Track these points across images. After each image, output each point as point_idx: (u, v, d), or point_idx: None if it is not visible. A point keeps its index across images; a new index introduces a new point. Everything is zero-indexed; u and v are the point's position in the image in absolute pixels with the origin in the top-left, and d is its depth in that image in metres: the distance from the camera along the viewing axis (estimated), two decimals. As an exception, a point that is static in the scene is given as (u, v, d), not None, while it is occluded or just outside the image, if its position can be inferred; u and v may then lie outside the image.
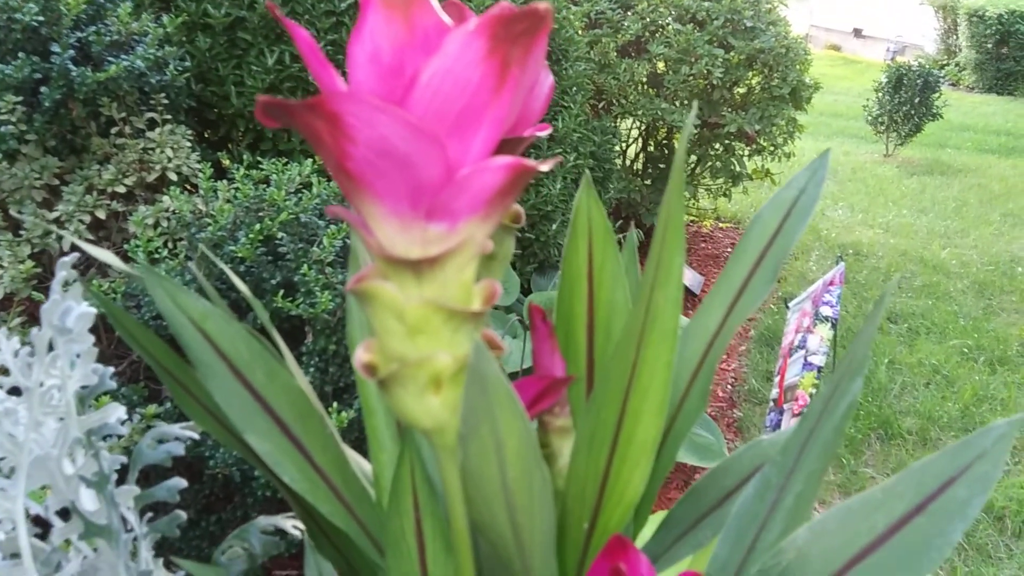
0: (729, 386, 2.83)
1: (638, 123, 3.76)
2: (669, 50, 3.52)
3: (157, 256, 1.46)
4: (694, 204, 4.18)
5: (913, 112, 7.19)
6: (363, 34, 0.32)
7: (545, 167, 0.34)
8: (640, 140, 3.91)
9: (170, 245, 1.58)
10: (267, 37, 2.07)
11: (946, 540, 0.41)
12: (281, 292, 1.47)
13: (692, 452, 1.90)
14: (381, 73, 0.32)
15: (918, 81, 7.13)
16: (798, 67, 3.91)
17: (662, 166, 3.92)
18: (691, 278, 3.41)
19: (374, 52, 0.32)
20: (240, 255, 1.49)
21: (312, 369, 1.52)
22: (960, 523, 0.41)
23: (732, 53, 3.61)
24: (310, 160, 1.74)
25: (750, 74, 3.77)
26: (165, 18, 1.85)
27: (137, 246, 1.45)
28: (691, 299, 3.35)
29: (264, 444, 0.51)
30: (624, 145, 3.76)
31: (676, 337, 0.47)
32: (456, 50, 0.31)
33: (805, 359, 1.68)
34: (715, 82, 3.57)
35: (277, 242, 1.55)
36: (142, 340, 0.56)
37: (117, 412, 0.67)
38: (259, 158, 1.89)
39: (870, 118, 7.38)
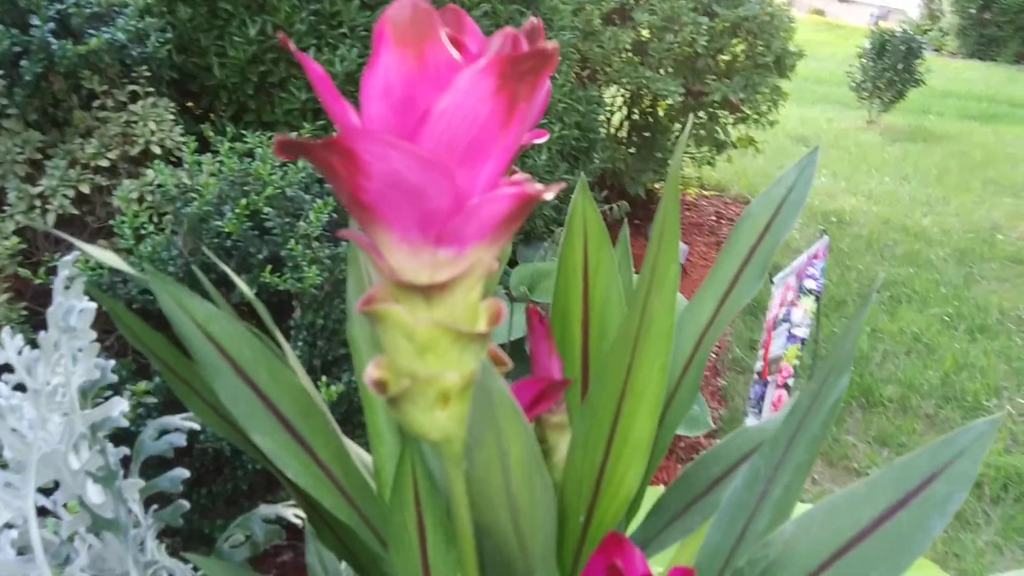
0: (713, 355, 2.85)
1: (623, 91, 3.75)
2: (653, 17, 3.50)
3: (144, 232, 1.46)
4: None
5: (896, 78, 7.20)
6: (376, 69, 0.33)
7: (550, 195, 0.34)
8: (625, 108, 3.90)
9: (155, 220, 1.57)
10: (248, 7, 2.05)
11: (926, 534, 0.42)
12: (268, 267, 1.47)
13: (677, 423, 1.92)
14: (393, 107, 0.33)
15: (901, 47, 7.14)
16: (782, 35, 3.90)
17: (647, 134, 3.92)
18: (675, 247, 3.42)
19: (387, 87, 0.33)
20: (227, 230, 1.48)
21: (300, 343, 1.52)
22: (940, 519, 0.43)
23: (716, 20, 3.60)
24: (295, 133, 1.73)
25: (734, 42, 3.76)
26: (146, -12, 1.83)
27: (123, 222, 1.44)
28: (675, 268, 3.37)
29: (268, 441, 0.52)
30: (609, 113, 3.75)
31: (671, 341, 0.48)
32: (467, 87, 0.32)
33: (789, 332, 1.70)
34: (699, 50, 3.56)
35: (263, 216, 1.54)
36: (144, 337, 0.57)
37: (120, 406, 0.67)
38: (243, 131, 1.88)
39: (853, 84, 7.38)
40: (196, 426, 0.82)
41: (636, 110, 3.92)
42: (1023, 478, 2.33)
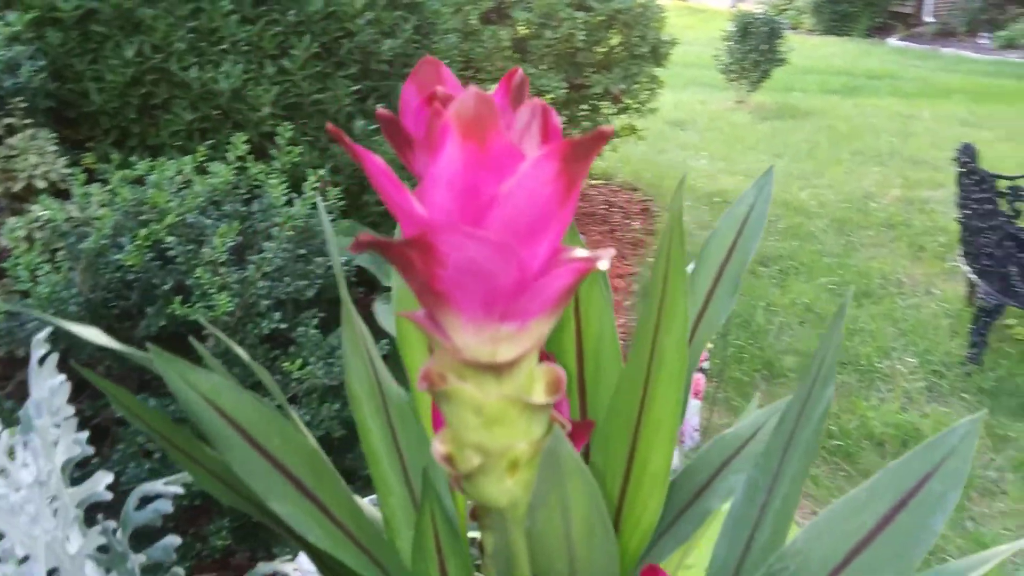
0: (620, 342, 2.90)
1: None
2: (531, 14, 3.53)
3: (40, 272, 1.39)
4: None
5: (761, 59, 7.46)
6: (443, 161, 0.34)
7: (605, 264, 0.35)
8: (509, 105, 3.92)
9: (50, 258, 1.50)
10: (123, 28, 1.97)
11: (930, 531, 0.45)
12: (177, 297, 1.42)
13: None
14: (458, 195, 0.34)
15: (763, 28, 7.40)
16: (655, 25, 4.00)
17: (532, 130, 3.95)
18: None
19: (452, 177, 0.34)
20: (128, 263, 1.43)
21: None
22: (940, 515, 0.45)
23: (592, 14, 3.66)
24: (189, 157, 1.67)
25: (610, 34, 3.83)
26: (11, 15, 1.73)
27: (17, 263, 1.37)
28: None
29: (287, 507, 0.51)
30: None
31: (683, 377, 0.49)
32: (531, 172, 0.33)
33: (700, 316, 1.75)
34: (578, 44, 3.61)
35: (165, 246, 1.49)
36: (145, 416, 0.55)
37: (105, 479, 0.64)
38: (128, 157, 1.81)
39: (721, 66, 7.62)
40: (180, 490, 0.79)
41: (520, 107, 3.95)
42: (920, 433, 2.45)
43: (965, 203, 3.05)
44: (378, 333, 1.93)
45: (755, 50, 7.45)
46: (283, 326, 1.55)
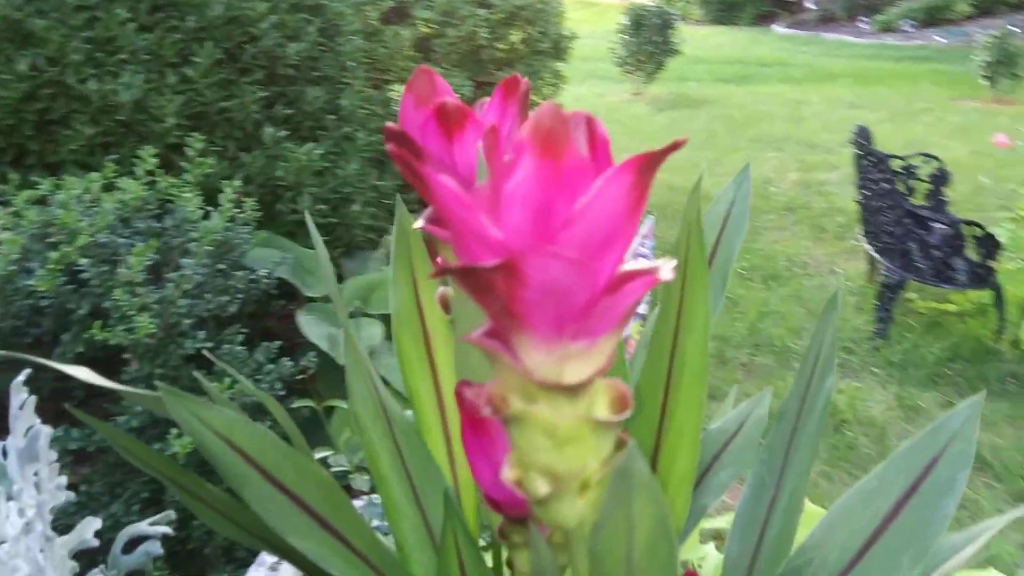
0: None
1: (410, 89, 3.74)
2: (432, 13, 3.51)
3: (-57, 305, 1.31)
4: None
5: (655, 50, 7.61)
6: (517, 177, 0.33)
7: (668, 275, 0.34)
8: (414, 106, 3.89)
9: (-50, 288, 1.41)
10: (13, 41, 1.87)
11: (942, 514, 0.46)
12: (95, 321, 1.36)
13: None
14: (532, 213, 0.33)
15: (656, 20, 7.54)
16: (555, 20, 4.02)
17: (439, 129, 3.93)
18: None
19: (527, 194, 0.33)
20: (40, 288, 1.36)
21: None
22: (951, 498, 0.46)
23: (493, 11, 3.65)
24: (96, 173, 1.60)
25: (512, 31, 3.83)
26: None
27: (-83, 297, 1.29)
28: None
29: (307, 542, 0.50)
30: (400, 113, 3.73)
31: (705, 379, 0.49)
32: (606, 186, 0.32)
33: (627, 309, 1.76)
34: (481, 42, 3.60)
35: (77, 268, 1.42)
36: (153, 462, 0.53)
37: (93, 525, 0.60)
38: (31, 177, 1.72)
39: (617, 59, 7.74)
40: (168, 530, 0.75)
41: (425, 106, 3.92)
42: (837, 408, 2.53)
43: (863, 184, 3.17)
44: (296, 346, 1.89)
45: (649, 42, 7.59)
46: (208, 345, 1.50)
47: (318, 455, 1.25)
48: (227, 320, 1.64)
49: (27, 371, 0.60)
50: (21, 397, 0.57)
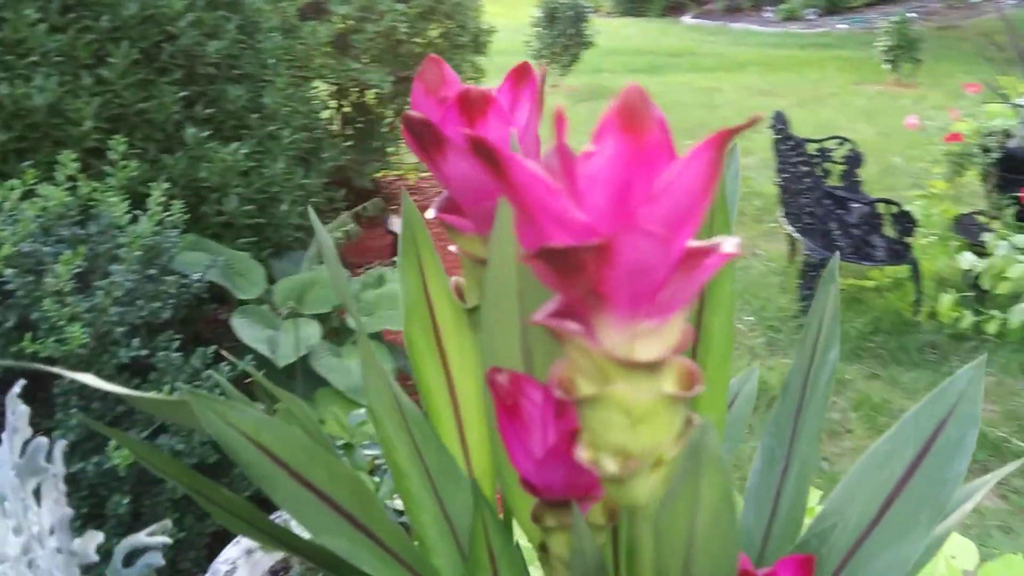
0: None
1: (329, 86, 3.69)
2: (351, 8, 3.46)
3: None
4: (398, 159, 4.18)
5: (570, 43, 7.66)
6: (599, 158, 0.33)
7: (734, 249, 0.34)
8: (334, 102, 3.84)
9: None
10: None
11: (955, 472, 0.47)
12: (25, 334, 1.30)
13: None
14: (613, 191, 0.33)
15: (569, 13, 7.60)
16: (473, 14, 4.01)
17: (360, 125, 3.89)
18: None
19: (611, 173, 0.33)
20: (-38, 302, 1.30)
21: (74, 409, 1.36)
22: (962, 457, 0.48)
23: (411, 6, 3.63)
24: (16, 180, 1.54)
25: (431, 26, 3.81)
26: None
27: None
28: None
29: (339, 541, 0.50)
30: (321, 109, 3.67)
31: (731, 355, 0.49)
32: (688, 162, 0.33)
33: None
34: (401, 37, 3.57)
35: (1, 279, 1.36)
36: (175, 473, 0.54)
37: (95, 539, 0.57)
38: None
39: (532, 52, 7.76)
40: (167, 540, 0.71)
41: (346, 103, 3.87)
42: (768, 384, 2.59)
43: (782, 167, 3.24)
44: (229, 351, 1.85)
45: (563, 34, 7.64)
46: (143, 352, 1.45)
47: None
48: (160, 327, 1.60)
49: (22, 382, 0.57)
50: (19, 409, 0.54)
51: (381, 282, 2.12)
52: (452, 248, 0.60)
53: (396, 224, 3.31)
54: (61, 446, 0.57)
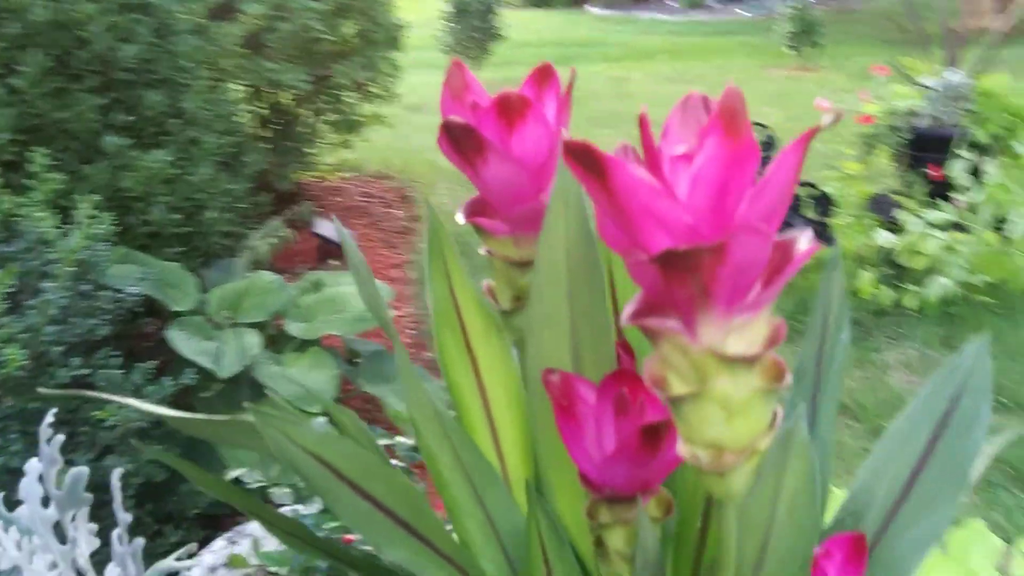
0: (412, 331, 2.89)
1: (243, 87, 3.61)
2: (263, 7, 3.39)
3: None
4: (318, 160, 4.12)
5: (480, 36, 7.66)
6: (701, 160, 0.34)
7: (807, 247, 0.35)
8: (249, 104, 3.76)
9: None
10: None
11: (974, 444, 0.49)
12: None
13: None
14: (713, 191, 0.34)
15: (479, 6, 7.59)
16: (386, 10, 3.98)
17: (278, 127, 3.82)
18: (339, 233, 3.37)
19: (713, 174, 0.34)
20: None
21: (15, 435, 1.31)
22: (980, 429, 0.49)
23: (325, 3, 3.57)
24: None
25: (346, 23, 3.76)
26: None
27: None
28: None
29: (400, 552, 0.51)
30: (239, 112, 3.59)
31: None
32: (782, 160, 0.34)
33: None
34: (316, 35, 3.52)
35: (-73, 304, 1.30)
36: (221, 491, 0.56)
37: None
38: None
39: (444, 47, 7.74)
40: (196, 563, 0.69)
41: (262, 104, 3.80)
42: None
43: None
44: (167, 364, 1.79)
45: (474, 28, 7.64)
46: (85, 372, 1.40)
47: (233, 474, 1.20)
48: (97, 344, 1.54)
49: (54, 411, 0.54)
50: (55, 439, 0.52)
51: (319, 287, 2.09)
52: (481, 250, 0.60)
53: (322, 227, 3.26)
54: (84, 476, 0.54)
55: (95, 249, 1.58)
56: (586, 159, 0.34)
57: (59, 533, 0.59)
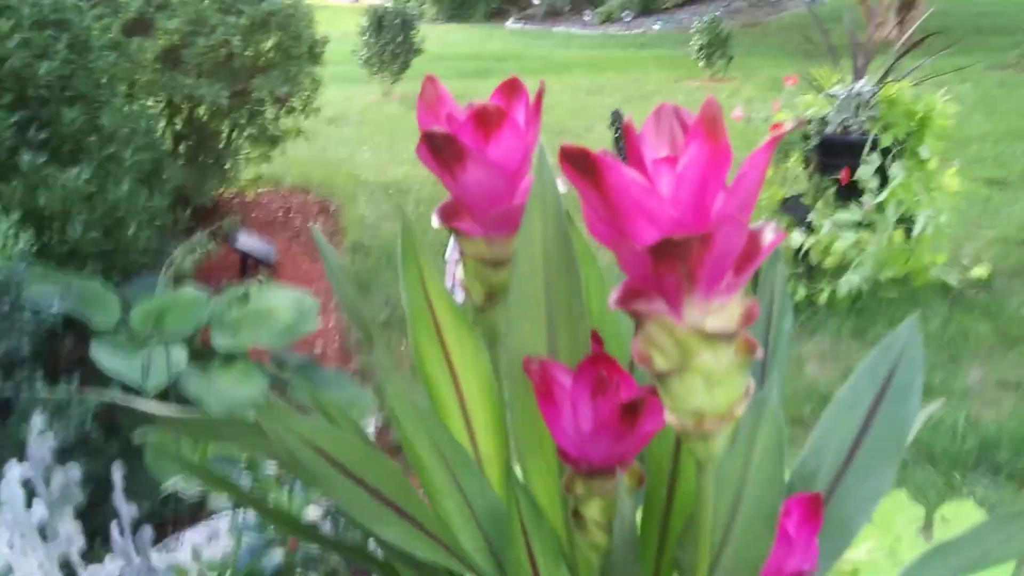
0: (336, 344, 2.89)
1: (158, 102, 3.57)
2: (179, 23, 3.36)
3: None
4: (236, 176, 4.07)
5: (399, 50, 7.68)
6: (686, 161, 0.40)
7: (773, 238, 0.40)
8: (164, 119, 3.71)
9: None
10: None
11: (909, 413, 0.56)
12: None
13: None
14: (695, 188, 0.39)
15: (397, 21, 7.62)
16: (306, 24, 3.97)
17: (193, 142, 3.78)
18: (263, 249, 3.35)
19: (695, 173, 0.39)
20: None
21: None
22: (914, 401, 0.57)
23: (243, 18, 3.55)
24: None
25: (265, 38, 3.75)
26: None
27: None
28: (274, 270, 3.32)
29: (392, 531, 0.56)
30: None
31: None
32: (753, 160, 0.39)
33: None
34: (235, 50, 3.50)
35: None
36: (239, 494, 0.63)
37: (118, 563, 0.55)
38: None
39: (362, 61, 7.73)
40: None
41: (178, 119, 3.75)
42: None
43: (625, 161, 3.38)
44: (89, 381, 1.77)
45: (392, 42, 7.65)
46: (7, 394, 1.38)
47: (167, 484, 1.19)
48: (18, 364, 1.52)
49: (42, 415, 0.55)
50: (49, 444, 0.52)
51: (246, 300, 2.08)
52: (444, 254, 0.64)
53: (243, 241, 3.23)
54: (76, 475, 0.55)
55: (14, 268, 1.56)
56: (582, 162, 0.38)
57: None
